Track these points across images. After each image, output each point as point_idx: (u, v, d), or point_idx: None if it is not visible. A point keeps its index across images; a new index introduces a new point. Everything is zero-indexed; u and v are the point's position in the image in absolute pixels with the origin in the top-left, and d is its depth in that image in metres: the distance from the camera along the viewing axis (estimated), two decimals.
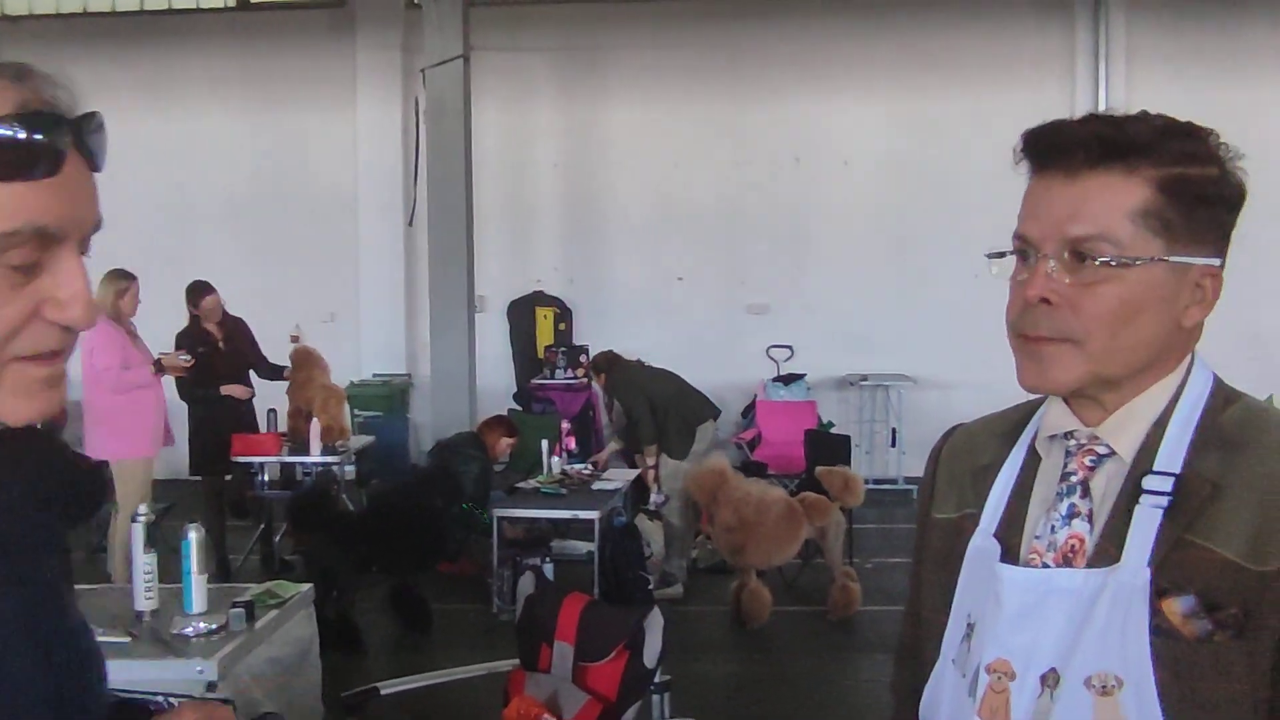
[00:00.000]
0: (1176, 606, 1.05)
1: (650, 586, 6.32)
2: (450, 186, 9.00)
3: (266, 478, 7.29)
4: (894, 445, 9.75)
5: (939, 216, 9.67)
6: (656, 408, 6.97)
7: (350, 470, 7.89)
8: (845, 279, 10.14)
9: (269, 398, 7.75)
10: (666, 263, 10.28)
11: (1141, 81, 9.78)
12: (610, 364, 7.42)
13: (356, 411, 9.64)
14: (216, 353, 7.14)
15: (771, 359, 10.13)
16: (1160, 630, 1.05)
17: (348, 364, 10.01)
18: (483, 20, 9.58)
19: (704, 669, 5.48)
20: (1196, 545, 1.06)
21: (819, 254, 10.23)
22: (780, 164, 10.26)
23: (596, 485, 6.89)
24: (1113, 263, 1.08)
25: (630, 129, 10.36)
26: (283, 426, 7.63)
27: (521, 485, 6.95)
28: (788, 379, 9.86)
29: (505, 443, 6.96)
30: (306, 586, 3.46)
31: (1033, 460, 1.22)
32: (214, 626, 3.06)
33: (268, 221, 10.55)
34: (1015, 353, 1.16)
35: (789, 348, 10.13)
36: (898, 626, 1.44)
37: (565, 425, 8.64)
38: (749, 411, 9.87)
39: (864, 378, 9.91)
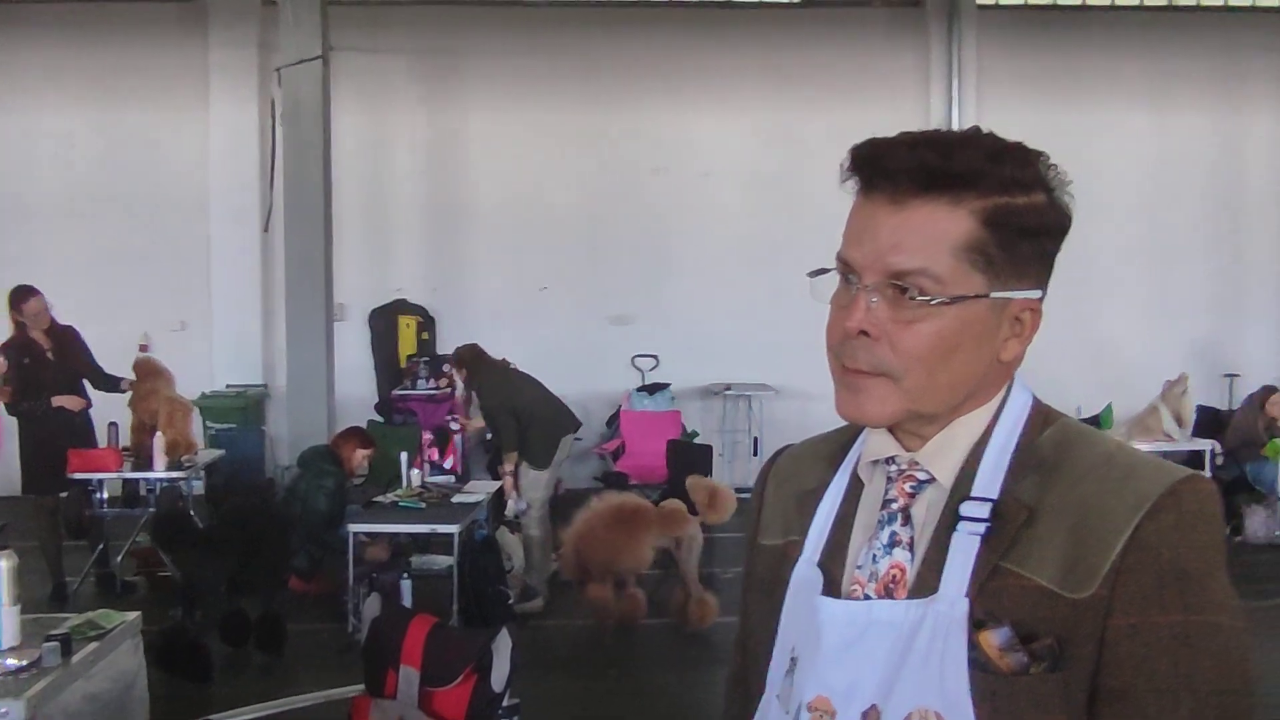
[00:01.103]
0: (992, 639, 1.03)
1: (510, 601, 6.23)
2: (308, 191, 8.74)
3: (106, 495, 6.92)
4: (756, 454, 9.86)
5: (798, 228, 9.82)
6: (520, 416, 6.74)
7: (198, 486, 7.57)
8: (708, 289, 10.23)
9: (110, 411, 7.38)
10: (531, 272, 10.20)
11: (991, 100, 10.15)
12: (475, 359, 7.08)
13: (209, 424, 9.31)
14: (44, 363, 6.75)
15: (636, 369, 10.14)
16: (978, 663, 1.02)
17: (199, 374, 9.68)
18: (341, 20, 9.36)
19: (560, 685, 5.41)
20: (1012, 573, 1.04)
21: (682, 264, 10.29)
22: (643, 175, 10.29)
23: (457, 498, 6.74)
24: (933, 300, 1.06)
25: (493, 136, 10.25)
26: (125, 441, 7.28)
27: (379, 499, 6.75)
28: (652, 389, 9.89)
29: (361, 455, 6.77)
30: (134, 615, 3.25)
31: (856, 486, 1.20)
32: (24, 664, 2.84)
33: (112, 224, 10.08)
34: (834, 380, 1.14)
35: (653, 357, 10.16)
36: None
37: (427, 436, 8.48)
38: (613, 421, 9.86)
39: (727, 387, 10.01)
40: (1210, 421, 9.52)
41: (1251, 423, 8.76)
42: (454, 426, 8.25)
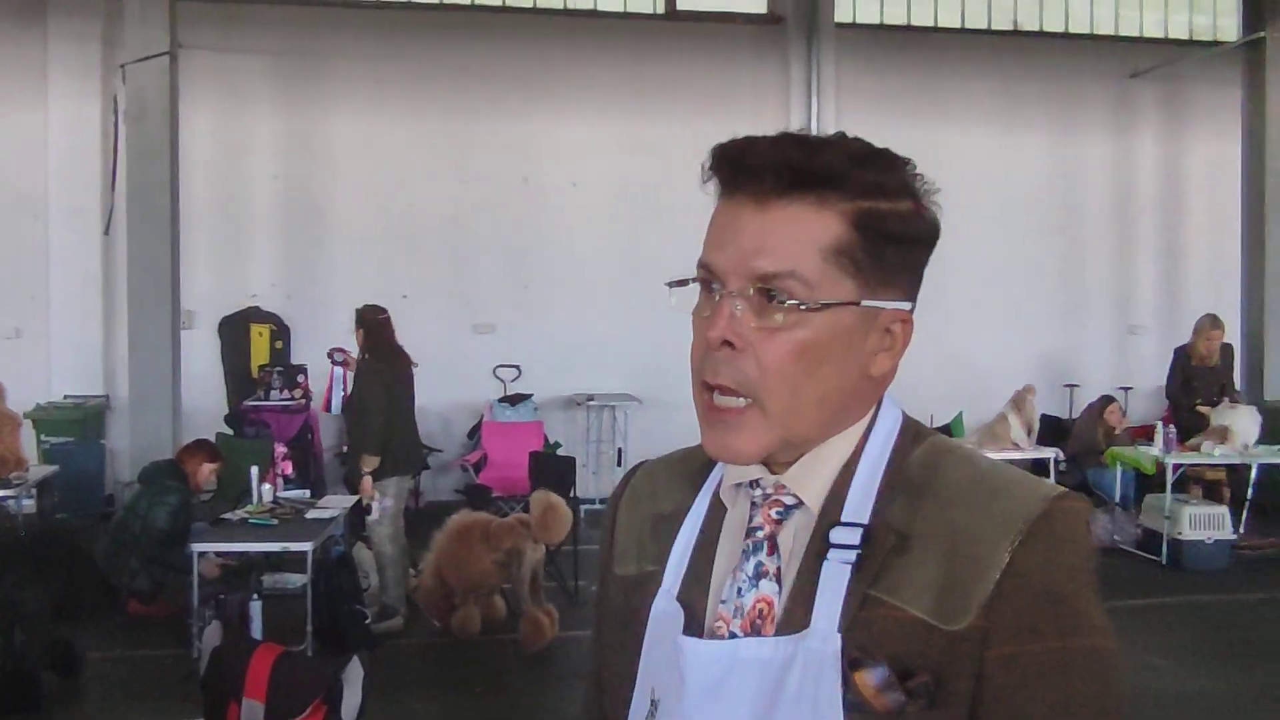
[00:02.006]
0: (869, 678, 0.97)
1: (368, 621, 6.03)
2: (153, 192, 8.40)
3: None
4: (620, 465, 9.83)
5: (664, 239, 9.84)
6: (387, 429, 6.35)
7: (29, 504, 7.13)
8: (573, 299, 10.18)
9: None
10: (391, 280, 9.91)
11: (849, 115, 10.39)
12: (375, 328, 6.48)
13: (44, 437, 8.84)
14: None
15: (498, 379, 10.01)
16: (853, 704, 0.97)
17: (35, 384, 9.23)
18: (192, 16, 8.99)
19: (422, 706, 5.27)
20: (884, 603, 0.99)
21: (547, 274, 10.21)
22: (509, 183, 10.18)
23: (311, 514, 6.49)
24: (802, 306, 1.00)
25: (354, 140, 9.99)
26: None
27: (228, 516, 6.45)
28: (514, 399, 9.77)
29: (208, 469, 6.48)
30: None
31: (717, 510, 1.12)
32: None
33: None
34: (699, 414, 1.06)
35: (516, 367, 10.04)
36: None
37: (280, 449, 8.19)
38: (475, 433, 9.70)
39: (590, 398, 9.95)
40: (1053, 430, 9.94)
41: (1092, 431, 9.18)
42: (337, 359, 7.89)
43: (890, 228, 1.03)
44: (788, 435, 1.04)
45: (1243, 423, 8.16)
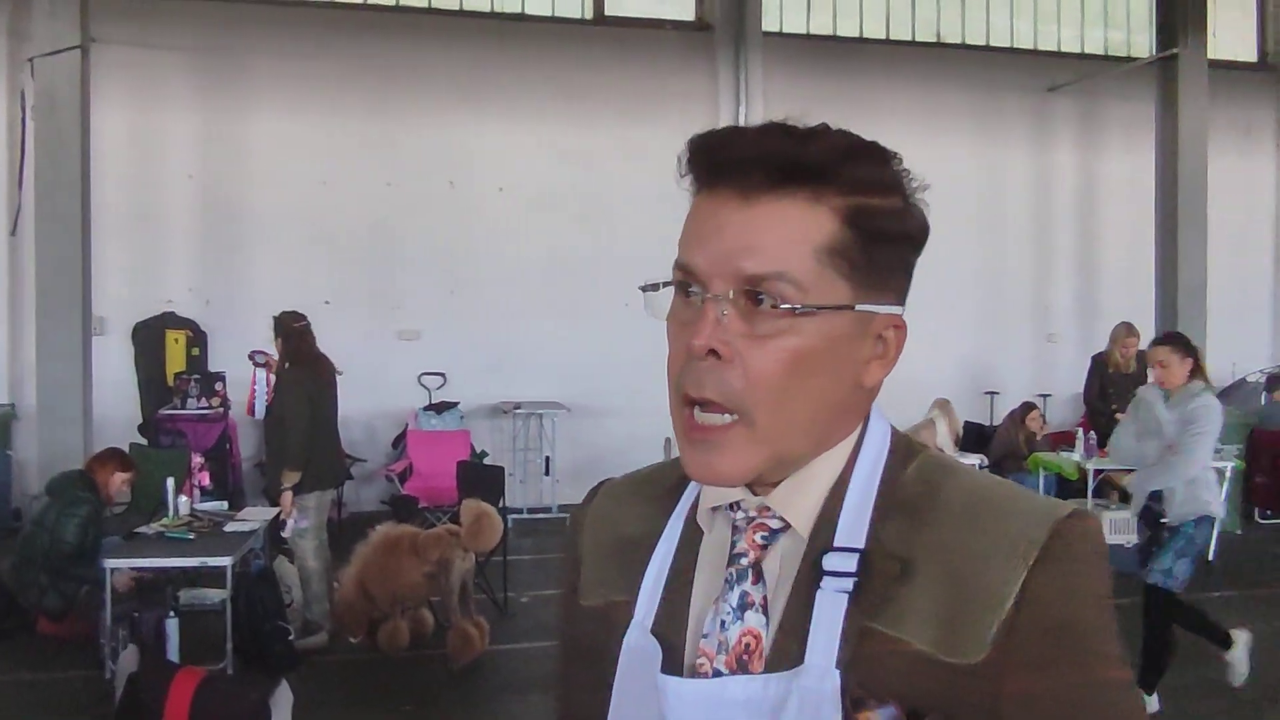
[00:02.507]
0: None
1: (291, 637, 5.85)
2: (63, 192, 8.12)
3: None
4: (548, 474, 9.72)
5: (592, 244, 9.80)
6: (308, 442, 6.11)
7: None
8: (499, 305, 10.05)
9: None
10: (313, 285, 9.67)
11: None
12: (295, 335, 6.24)
13: None
14: None
15: (424, 387, 9.83)
16: None
17: None
18: (105, 9, 8.70)
19: None
20: (886, 637, 0.91)
21: (472, 280, 10.07)
22: (434, 187, 10.03)
23: (230, 527, 6.27)
24: (797, 310, 0.93)
25: (275, 141, 9.75)
26: None
27: (142, 530, 6.20)
28: (440, 407, 9.61)
29: (120, 478, 6.23)
30: None
31: (692, 535, 1.04)
32: None
33: None
34: (677, 431, 0.98)
35: (441, 375, 9.88)
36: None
37: (197, 460, 7.93)
38: (400, 442, 9.52)
39: (517, 406, 9.83)
40: (974, 436, 10.07)
41: (1013, 437, 9.32)
42: (259, 360, 7.70)
43: (883, 226, 0.97)
44: (777, 454, 0.96)
45: None
